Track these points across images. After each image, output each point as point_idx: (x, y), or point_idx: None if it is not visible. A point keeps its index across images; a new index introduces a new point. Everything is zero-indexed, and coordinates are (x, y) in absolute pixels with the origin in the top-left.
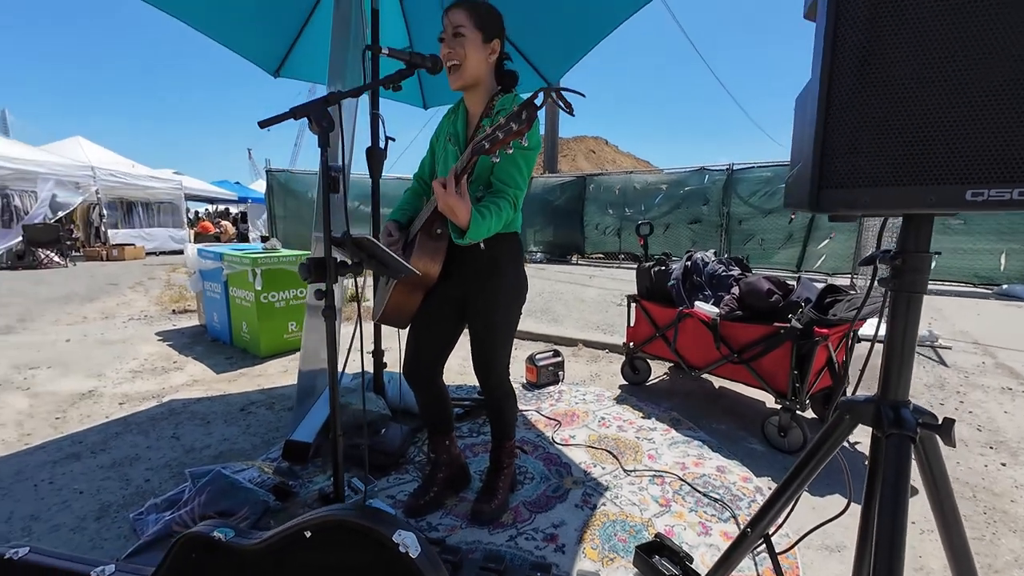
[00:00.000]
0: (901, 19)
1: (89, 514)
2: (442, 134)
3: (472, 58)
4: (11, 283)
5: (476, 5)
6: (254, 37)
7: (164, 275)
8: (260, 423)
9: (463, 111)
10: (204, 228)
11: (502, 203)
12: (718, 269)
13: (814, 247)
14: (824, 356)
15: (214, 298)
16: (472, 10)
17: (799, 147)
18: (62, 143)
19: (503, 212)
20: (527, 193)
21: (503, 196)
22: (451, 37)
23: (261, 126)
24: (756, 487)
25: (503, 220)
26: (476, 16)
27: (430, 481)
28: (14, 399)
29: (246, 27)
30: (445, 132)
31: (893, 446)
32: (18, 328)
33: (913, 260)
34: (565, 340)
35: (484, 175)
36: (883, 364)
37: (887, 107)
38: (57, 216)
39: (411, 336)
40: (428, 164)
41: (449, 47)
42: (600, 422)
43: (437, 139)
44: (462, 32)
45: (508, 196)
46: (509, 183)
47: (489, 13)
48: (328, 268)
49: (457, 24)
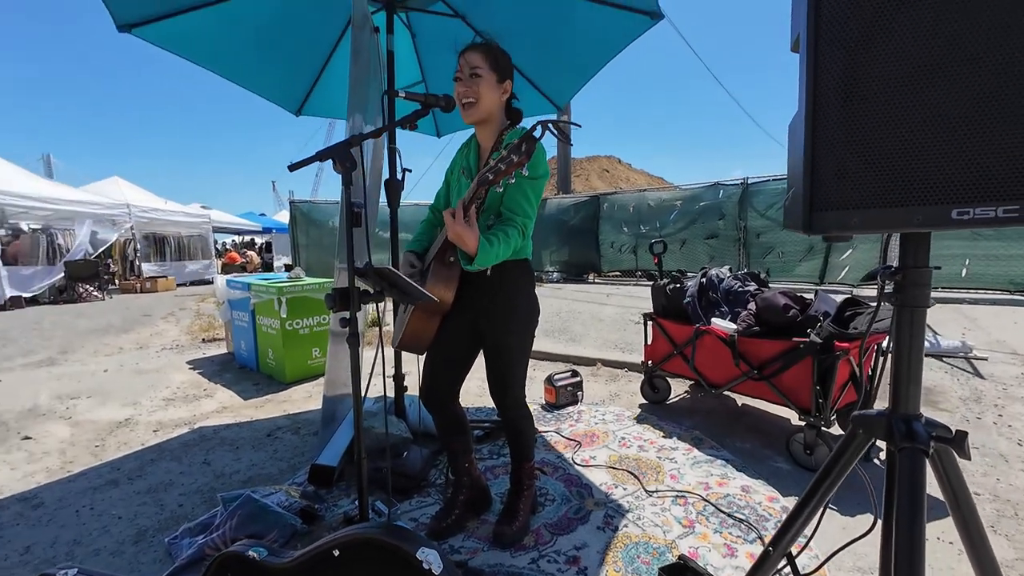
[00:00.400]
0: (877, 50)
1: (127, 538)
2: (456, 167)
3: (487, 97)
4: (54, 317)
5: (491, 48)
6: (277, 81)
7: (194, 305)
8: (286, 448)
9: (475, 145)
10: (231, 259)
11: (510, 231)
12: (734, 285)
13: (836, 258)
14: (847, 370)
15: (242, 326)
16: (488, 53)
17: (793, 172)
18: (101, 183)
19: (511, 240)
20: (542, 213)
21: (511, 224)
22: (468, 77)
23: (291, 169)
24: (783, 507)
25: (511, 247)
26: (492, 58)
27: (451, 504)
28: (57, 428)
29: (270, 73)
30: (459, 166)
31: (906, 460)
32: (60, 360)
33: (913, 275)
34: (583, 360)
35: (495, 205)
36: (892, 377)
37: (870, 134)
38: (97, 252)
39: (428, 361)
40: (443, 196)
41: (466, 86)
42: (620, 442)
43: (452, 172)
44: (479, 73)
45: (516, 224)
46: (517, 211)
47: (503, 56)
48: (352, 298)
49: (474, 65)
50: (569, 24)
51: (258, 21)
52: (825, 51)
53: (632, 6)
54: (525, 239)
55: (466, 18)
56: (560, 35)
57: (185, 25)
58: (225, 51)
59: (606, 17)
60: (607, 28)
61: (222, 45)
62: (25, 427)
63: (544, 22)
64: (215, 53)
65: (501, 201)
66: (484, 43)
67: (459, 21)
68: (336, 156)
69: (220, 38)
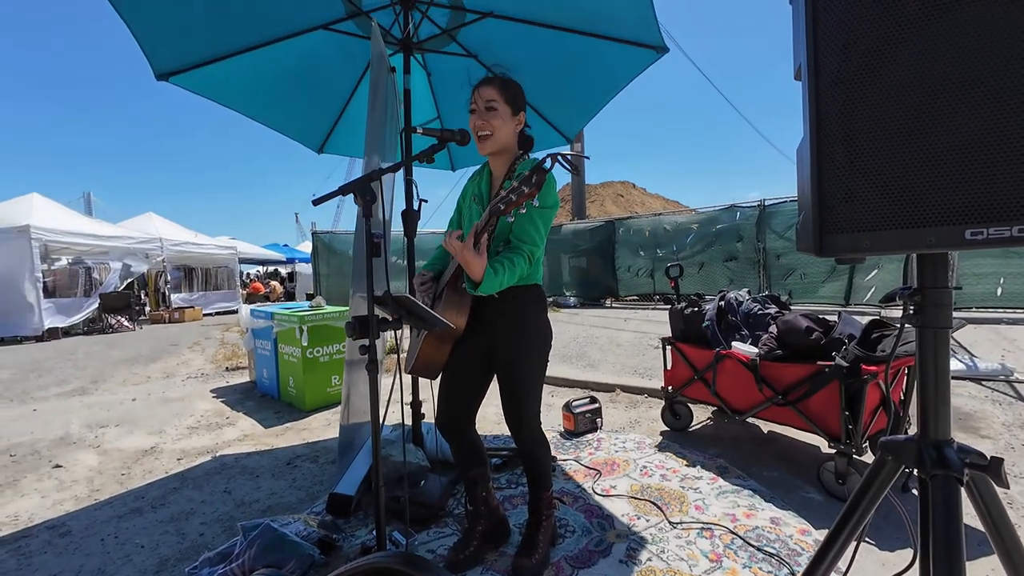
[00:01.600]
0: (877, 78)
1: (149, 568)
2: (468, 194)
3: (502, 129)
4: (88, 347)
5: (505, 82)
6: (301, 121)
7: (219, 335)
8: (305, 476)
9: (487, 173)
10: (255, 289)
11: (516, 259)
12: (753, 308)
13: (861, 279)
14: (877, 395)
15: (264, 355)
16: (502, 87)
17: (803, 196)
18: (136, 219)
19: (516, 267)
20: (559, 239)
21: (519, 252)
22: (483, 110)
23: (315, 203)
24: (815, 540)
25: (517, 274)
26: (506, 92)
27: (469, 535)
28: (86, 456)
29: (295, 114)
30: (471, 193)
31: (939, 488)
32: (91, 389)
33: (933, 295)
34: (602, 386)
35: (505, 232)
36: (919, 402)
37: (876, 158)
38: (125, 284)
39: (442, 387)
40: (455, 222)
41: (482, 119)
42: (642, 471)
43: (464, 199)
44: (494, 107)
45: (523, 252)
46: (525, 240)
47: (516, 89)
48: (371, 327)
49: (489, 99)
50: (577, 60)
51: (285, 66)
52: (825, 81)
53: (638, 41)
54: (532, 266)
55: (478, 57)
56: (568, 71)
57: (218, 72)
58: (254, 95)
59: (613, 52)
60: (614, 63)
61: (251, 89)
62: (56, 456)
63: (552, 59)
64: (245, 97)
65: (511, 229)
66: (498, 77)
67: (472, 60)
68: (357, 190)
69: (250, 83)
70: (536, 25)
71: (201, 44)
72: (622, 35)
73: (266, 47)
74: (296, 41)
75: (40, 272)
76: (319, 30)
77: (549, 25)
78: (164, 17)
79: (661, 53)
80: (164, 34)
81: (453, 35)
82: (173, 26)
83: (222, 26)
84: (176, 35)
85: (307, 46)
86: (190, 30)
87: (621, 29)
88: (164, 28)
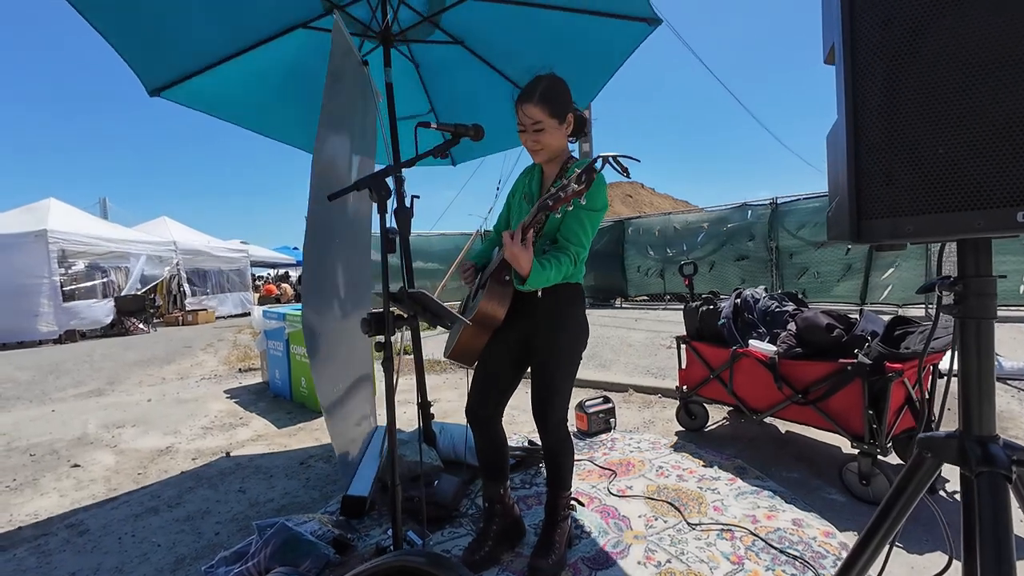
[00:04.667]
0: (921, 54)
1: (166, 567)
2: (518, 192)
3: (553, 142)
4: (104, 349)
5: (547, 96)
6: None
7: (231, 336)
8: (318, 476)
9: (539, 172)
10: (268, 291)
11: (563, 258)
12: (771, 305)
13: (878, 277)
14: (903, 393)
15: (276, 356)
16: (544, 103)
17: (835, 181)
18: (151, 223)
19: (563, 266)
20: None
21: (565, 252)
22: (532, 131)
23: (330, 199)
24: (840, 543)
25: (562, 273)
26: (550, 107)
27: (484, 535)
28: (104, 456)
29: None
30: (521, 191)
31: (985, 485)
32: (108, 390)
33: (976, 284)
34: (615, 386)
35: (552, 231)
36: (961, 397)
37: (920, 138)
38: (145, 288)
39: (476, 376)
40: (504, 218)
41: (533, 139)
42: (658, 471)
43: (513, 196)
44: (541, 127)
45: (570, 252)
46: (572, 240)
47: (559, 94)
48: (387, 322)
49: (535, 120)
50: (567, 40)
51: (271, 71)
52: (864, 59)
53: (627, 14)
54: (576, 267)
55: (464, 43)
56: (559, 51)
57: (207, 83)
58: (244, 104)
59: (603, 28)
60: (606, 39)
61: (241, 98)
62: (74, 455)
63: (542, 40)
64: (236, 107)
65: (558, 228)
66: (538, 88)
67: (459, 47)
68: (371, 185)
69: (239, 92)
70: (520, 5)
71: (185, 56)
72: (609, 8)
73: (250, 52)
74: (280, 44)
75: (57, 276)
76: (299, 30)
77: (533, 3)
78: (146, 33)
79: (654, 25)
80: (149, 50)
81: (436, 22)
82: (156, 41)
83: (203, 34)
84: (160, 49)
85: (291, 49)
86: (173, 43)
87: (608, 2)
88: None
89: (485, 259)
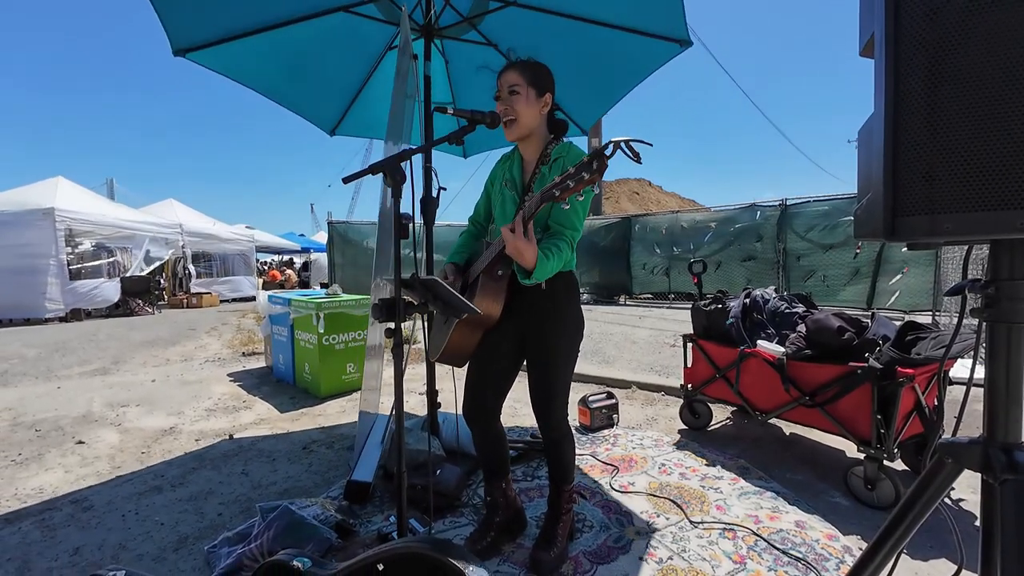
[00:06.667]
0: (970, 46)
1: (168, 545)
2: (497, 179)
3: (526, 113)
4: (109, 329)
5: (527, 64)
6: (315, 102)
7: (236, 320)
8: (321, 461)
9: (518, 158)
10: (273, 276)
11: (562, 244)
12: (780, 306)
13: (885, 283)
14: (912, 399)
15: (281, 340)
16: (524, 69)
17: (867, 177)
18: (158, 205)
19: (563, 253)
20: None
21: (562, 238)
22: (507, 95)
23: (345, 181)
24: (844, 546)
25: (563, 260)
26: (528, 74)
27: (487, 525)
28: (108, 434)
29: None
30: (501, 177)
31: (1011, 493)
32: (112, 370)
33: (1009, 288)
34: (618, 382)
35: (542, 218)
36: (987, 403)
37: (965, 133)
38: (150, 269)
39: (471, 375)
40: (483, 207)
41: (505, 104)
42: (660, 469)
43: (492, 184)
44: (517, 90)
45: (566, 238)
46: (567, 225)
47: (539, 70)
48: (398, 309)
49: (512, 83)
50: (597, 52)
51: (303, 46)
52: (907, 52)
53: (662, 34)
54: (572, 252)
55: (498, 46)
56: (587, 62)
57: (235, 49)
58: (269, 74)
59: (635, 44)
60: (635, 55)
61: (267, 68)
62: (79, 432)
63: (572, 50)
64: (260, 75)
65: (549, 214)
66: (521, 61)
67: (491, 49)
68: (387, 169)
69: (266, 62)
70: (562, 16)
71: (222, 21)
72: (647, 28)
73: (285, 27)
74: (315, 22)
75: (64, 254)
76: (340, 13)
77: (573, 16)
78: None
79: (684, 47)
80: (185, 10)
81: (475, 23)
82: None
83: (244, 5)
84: (197, 12)
85: (326, 27)
86: (212, 7)
87: (647, 22)
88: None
89: (466, 254)
